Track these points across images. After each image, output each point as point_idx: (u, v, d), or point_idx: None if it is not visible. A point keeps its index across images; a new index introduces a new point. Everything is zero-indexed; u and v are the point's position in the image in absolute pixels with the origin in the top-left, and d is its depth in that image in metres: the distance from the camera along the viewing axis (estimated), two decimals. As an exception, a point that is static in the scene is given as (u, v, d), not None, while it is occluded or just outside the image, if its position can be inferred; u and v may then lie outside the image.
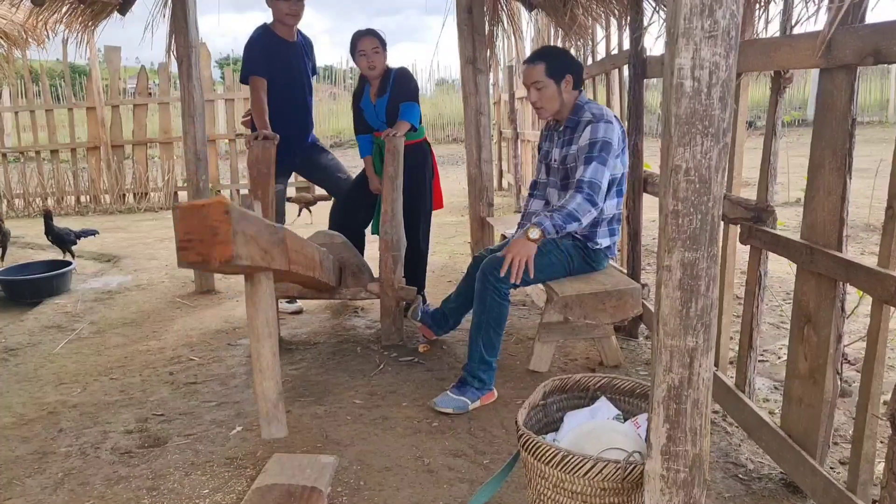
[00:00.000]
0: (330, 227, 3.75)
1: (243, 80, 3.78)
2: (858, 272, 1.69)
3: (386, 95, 3.60)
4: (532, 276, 2.69)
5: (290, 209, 5.95)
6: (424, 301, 3.70)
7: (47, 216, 4.97)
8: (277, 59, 3.69)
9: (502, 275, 2.64)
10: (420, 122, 3.67)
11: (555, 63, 2.81)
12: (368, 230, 3.91)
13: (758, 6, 2.23)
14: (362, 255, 3.75)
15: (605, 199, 2.79)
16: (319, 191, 5.83)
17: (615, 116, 2.82)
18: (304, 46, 3.92)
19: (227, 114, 9.12)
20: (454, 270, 4.86)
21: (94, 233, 5.27)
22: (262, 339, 1.80)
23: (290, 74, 3.78)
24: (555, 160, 2.95)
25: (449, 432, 2.51)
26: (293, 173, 5.07)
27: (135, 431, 2.59)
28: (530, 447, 1.69)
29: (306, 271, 2.34)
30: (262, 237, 1.69)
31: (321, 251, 2.83)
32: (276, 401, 1.87)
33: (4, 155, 8.90)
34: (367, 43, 3.53)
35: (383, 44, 3.57)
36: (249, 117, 3.93)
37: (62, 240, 5.00)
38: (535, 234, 2.62)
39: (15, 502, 2.15)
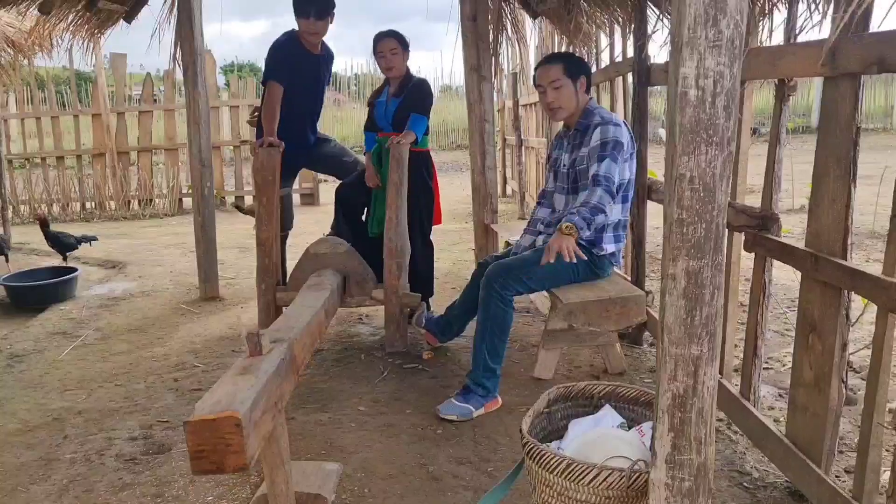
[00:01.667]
0: (336, 200, 3.81)
1: (264, 82, 3.80)
2: (863, 280, 1.69)
3: (399, 99, 3.62)
4: (574, 263, 2.64)
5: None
6: (428, 308, 3.70)
7: (42, 223, 4.98)
8: (297, 69, 3.71)
9: (543, 263, 2.62)
10: (426, 134, 3.69)
11: (572, 64, 2.92)
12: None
13: (761, 15, 2.24)
14: (361, 234, 3.77)
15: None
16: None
17: (624, 122, 2.87)
18: (326, 59, 3.95)
19: (232, 120, 9.14)
20: (458, 277, 4.86)
21: (93, 238, 5.29)
22: (275, 468, 1.79)
23: (306, 86, 3.79)
24: (563, 165, 2.98)
25: (453, 440, 2.51)
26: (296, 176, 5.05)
27: (139, 438, 2.60)
28: (535, 455, 1.69)
29: (314, 345, 2.28)
30: (272, 401, 1.60)
31: (325, 292, 2.74)
32: None
33: (10, 161, 8.94)
34: (385, 45, 3.58)
35: (403, 45, 3.61)
36: (257, 116, 3.93)
37: (61, 244, 5.01)
38: (567, 228, 2.56)
39: (20, 509, 2.15)
